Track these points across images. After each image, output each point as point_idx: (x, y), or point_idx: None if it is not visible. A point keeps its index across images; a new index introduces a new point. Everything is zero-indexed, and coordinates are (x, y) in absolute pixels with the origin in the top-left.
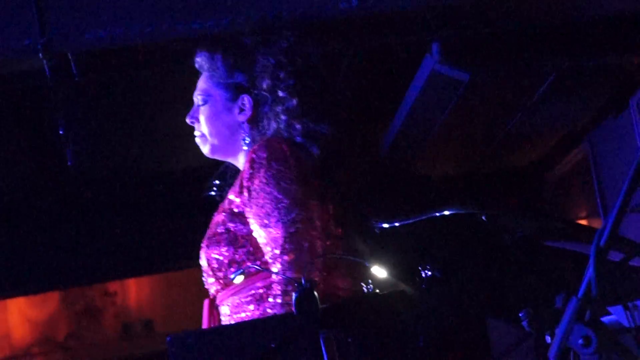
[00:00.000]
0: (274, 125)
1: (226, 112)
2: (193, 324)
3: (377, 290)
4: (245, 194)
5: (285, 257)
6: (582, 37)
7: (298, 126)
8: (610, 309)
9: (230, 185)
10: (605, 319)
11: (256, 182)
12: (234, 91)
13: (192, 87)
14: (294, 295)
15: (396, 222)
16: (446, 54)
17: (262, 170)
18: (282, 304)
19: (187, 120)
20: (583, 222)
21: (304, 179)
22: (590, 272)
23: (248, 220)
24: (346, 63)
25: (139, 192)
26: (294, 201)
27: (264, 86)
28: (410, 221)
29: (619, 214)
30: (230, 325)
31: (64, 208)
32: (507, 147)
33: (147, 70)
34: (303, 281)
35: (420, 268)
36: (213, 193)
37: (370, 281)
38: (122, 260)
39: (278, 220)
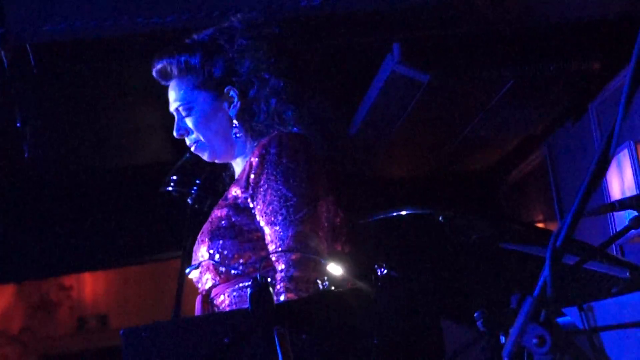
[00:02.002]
0: (264, 109)
1: (217, 112)
2: (148, 319)
3: (333, 288)
4: (253, 189)
5: (291, 256)
6: (541, 42)
7: (289, 112)
8: (565, 310)
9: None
10: (560, 320)
11: (265, 178)
12: (216, 87)
13: (153, 81)
14: (299, 293)
15: (353, 221)
16: (407, 55)
17: (272, 167)
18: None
19: (176, 135)
20: (540, 225)
21: (314, 176)
22: (545, 272)
23: (255, 215)
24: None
25: (96, 187)
26: (303, 199)
27: (245, 70)
28: (367, 221)
29: (575, 216)
30: (184, 319)
31: (19, 201)
32: (465, 150)
33: (107, 63)
34: (258, 277)
35: (376, 267)
36: (170, 189)
37: (325, 278)
38: (78, 254)
39: (285, 219)
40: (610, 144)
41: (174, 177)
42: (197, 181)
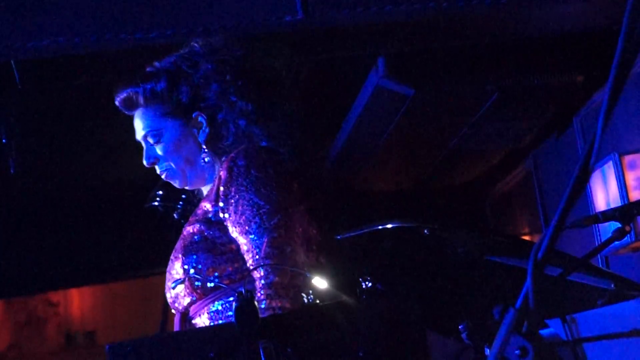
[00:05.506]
0: (232, 130)
1: (186, 138)
2: (136, 334)
3: (318, 301)
4: (223, 201)
5: (268, 263)
6: (525, 55)
7: (257, 131)
8: (548, 321)
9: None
10: (543, 331)
11: (234, 189)
12: (184, 114)
13: None
14: (281, 301)
15: (338, 235)
16: (391, 69)
17: (241, 178)
18: (265, 309)
19: (146, 164)
20: (526, 238)
21: (284, 185)
22: (527, 283)
23: (227, 228)
24: (291, 77)
25: (83, 202)
26: (275, 207)
27: (212, 94)
28: (353, 234)
29: (556, 228)
30: (170, 334)
31: (5, 217)
32: (451, 163)
33: (91, 79)
34: (243, 290)
35: (360, 280)
36: (156, 204)
37: (310, 292)
38: (65, 270)
39: (259, 226)
40: (589, 157)
41: (160, 193)
42: (183, 196)
